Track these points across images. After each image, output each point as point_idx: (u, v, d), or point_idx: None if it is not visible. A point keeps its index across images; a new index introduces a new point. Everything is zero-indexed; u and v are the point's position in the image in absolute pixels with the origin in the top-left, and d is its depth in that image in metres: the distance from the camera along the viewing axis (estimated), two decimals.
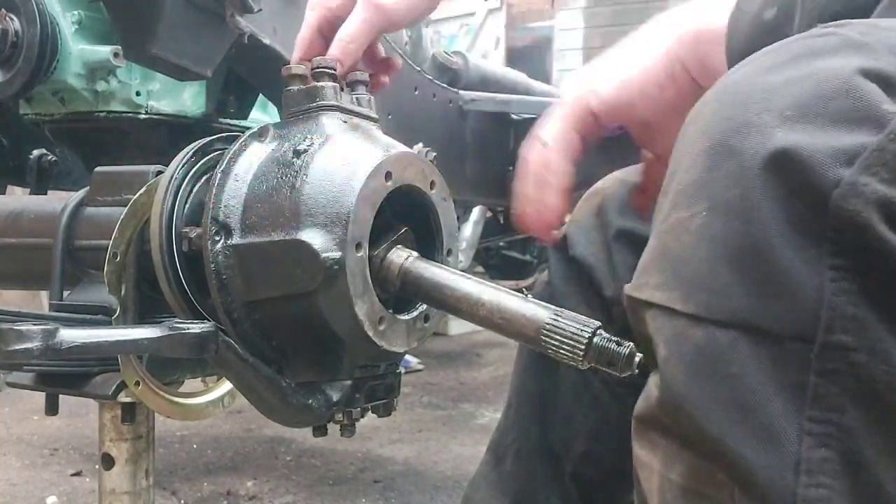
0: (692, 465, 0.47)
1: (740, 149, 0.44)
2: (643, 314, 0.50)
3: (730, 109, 0.47)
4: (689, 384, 0.45)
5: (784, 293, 0.42)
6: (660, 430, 0.49)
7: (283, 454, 2.18)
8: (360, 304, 0.71)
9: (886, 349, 0.41)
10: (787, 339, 0.43)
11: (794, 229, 0.42)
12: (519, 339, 0.70)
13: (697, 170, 0.47)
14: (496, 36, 6.74)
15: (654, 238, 0.50)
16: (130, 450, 0.95)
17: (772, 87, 0.45)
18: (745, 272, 0.44)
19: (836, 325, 0.41)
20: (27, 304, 2.68)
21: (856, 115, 0.42)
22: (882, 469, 0.42)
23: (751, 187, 0.43)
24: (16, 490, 1.89)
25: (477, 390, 2.99)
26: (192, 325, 0.65)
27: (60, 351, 0.59)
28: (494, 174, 1.89)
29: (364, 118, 0.81)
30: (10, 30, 1.20)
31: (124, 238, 0.82)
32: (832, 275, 0.42)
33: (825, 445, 0.42)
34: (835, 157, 0.42)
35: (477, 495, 1.06)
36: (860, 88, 0.43)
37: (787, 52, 0.48)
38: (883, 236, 0.41)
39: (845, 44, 0.46)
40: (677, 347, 0.46)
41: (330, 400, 0.76)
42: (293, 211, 0.70)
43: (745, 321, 0.43)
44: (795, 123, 0.43)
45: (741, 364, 0.43)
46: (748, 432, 0.43)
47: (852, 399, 0.42)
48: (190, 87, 1.34)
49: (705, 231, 0.45)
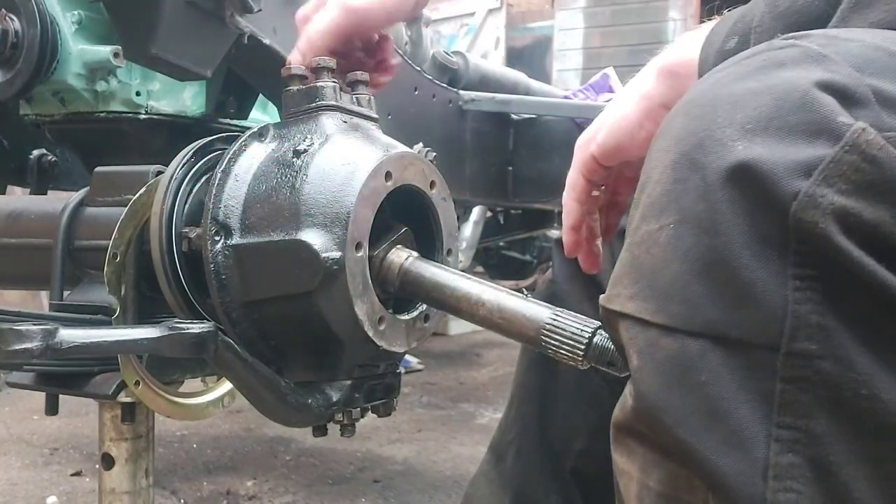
0: (669, 472, 0.48)
1: (704, 163, 0.46)
2: (617, 324, 0.51)
3: (696, 122, 0.48)
4: (661, 393, 0.46)
5: (751, 303, 0.44)
6: (637, 438, 0.50)
7: (283, 454, 2.18)
8: (360, 304, 0.71)
9: (851, 356, 0.42)
10: (754, 348, 0.44)
11: (758, 241, 0.44)
12: (519, 339, 0.70)
13: (665, 183, 0.48)
14: (496, 36, 6.74)
15: (625, 250, 0.51)
16: (130, 449, 0.95)
17: (735, 100, 0.47)
18: (714, 284, 0.45)
19: (801, 333, 0.43)
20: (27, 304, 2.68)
21: (813, 127, 0.44)
22: (849, 473, 0.42)
23: (716, 202, 0.45)
24: (16, 490, 1.89)
25: (476, 390, 2.99)
26: (192, 325, 0.65)
27: (60, 351, 0.59)
28: (494, 174, 1.89)
29: (364, 118, 0.81)
30: (10, 30, 1.20)
31: (124, 238, 0.82)
32: (796, 284, 0.43)
33: (793, 451, 0.43)
34: (793, 170, 0.43)
35: (478, 493, 1.06)
36: (817, 101, 0.44)
37: (750, 63, 0.49)
38: (842, 246, 0.42)
39: (805, 55, 0.47)
40: (650, 357, 0.47)
41: (329, 400, 0.76)
42: (293, 211, 0.70)
43: (715, 331, 0.45)
44: (756, 136, 0.45)
45: (711, 372, 0.45)
46: (719, 439, 0.44)
47: (819, 405, 0.43)
48: (190, 87, 1.34)
49: (675, 244, 0.47)
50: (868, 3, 0.52)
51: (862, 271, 0.42)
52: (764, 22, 0.58)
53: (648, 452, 0.49)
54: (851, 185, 0.42)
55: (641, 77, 0.72)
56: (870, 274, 0.41)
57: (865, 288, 0.42)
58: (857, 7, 0.53)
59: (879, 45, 0.47)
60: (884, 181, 0.42)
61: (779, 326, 0.43)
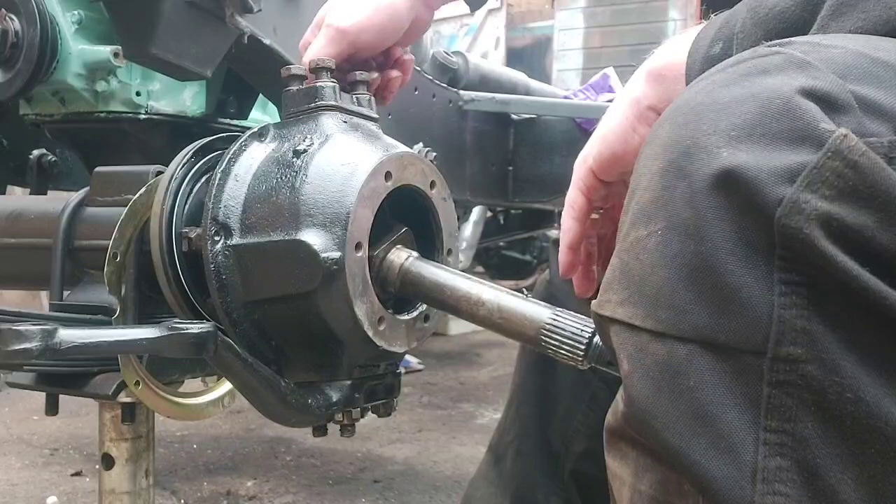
0: (660, 477, 0.48)
1: (690, 170, 0.47)
2: (608, 329, 0.52)
3: (682, 130, 0.49)
4: (650, 398, 0.47)
5: (737, 308, 0.44)
6: (629, 442, 0.51)
7: (283, 454, 2.18)
8: (360, 304, 0.71)
9: (836, 360, 0.43)
10: (742, 353, 0.44)
11: (743, 247, 0.44)
12: (519, 339, 0.70)
13: (653, 190, 0.49)
14: (496, 36, 6.74)
15: (615, 255, 0.52)
16: (130, 450, 0.95)
17: (720, 107, 0.48)
18: (702, 289, 0.45)
19: (786, 337, 0.43)
20: (27, 304, 2.68)
21: (796, 134, 0.44)
22: (836, 476, 0.43)
23: (702, 208, 0.45)
24: (16, 490, 1.89)
25: (477, 390, 2.99)
26: (192, 325, 0.65)
27: (60, 351, 0.59)
28: (494, 174, 1.89)
29: (364, 118, 0.81)
30: (10, 30, 1.20)
31: (124, 238, 0.82)
32: (781, 289, 0.43)
33: (780, 455, 0.43)
34: (777, 176, 0.43)
35: (477, 493, 1.06)
36: (800, 108, 0.45)
37: (735, 70, 0.50)
38: (826, 251, 0.42)
39: (788, 62, 0.48)
40: (639, 362, 0.48)
41: (329, 400, 0.76)
42: (293, 211, 0.70)
43: (703, 336, 0.45)
44: (740, 143, 0.45)
45: (698, 377, 0.45)
46: (707, 443, 0.45)
47: (805, 409, 0.43)
48: (190, 87, 1.34)
49: (662, 250, 0.47)
50: (845, 11, 0.53)
51: (846, 276, 0.42)
52: (746, 28, 0.59)
53: (640, 457, 0.50)
54: (835, 190, 0.43)
55: (632, 82, 0.73)
56: (854, 278, 0.42)
57: (850, 292, 0.42)
58: (836, 15, 0.54)
59: (861, 51, 0.47)
60: (866, 186, 0.43)
61: (764, 331, 0.43)
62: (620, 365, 0.50)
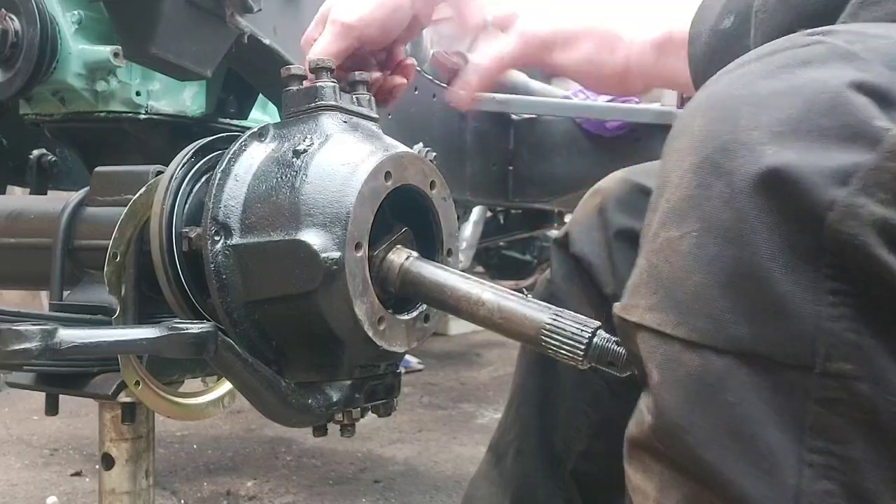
0: (689, 493, 0.46)
1: (730, 168, 0.43)
2: (634, 336, 0.48)
3: (718, 125, 0.45)
4: (683, 411, 0.44)
5: (781, 319, 0.41)
6: (654, 455, 0.48)
7: (284, 454, 2.18)
8: (360, 304, 0.71)
9: (889, 378, 0.40)
10: (785, 367, 0.42)
11: (789, 253, 0.41)
12: (519, 339, 0.70)
13: (685, 187, 0.46)
14: None
15: (643, 256, 0.49)
16: (130, 450, 0.95)
17: (760, 101, 0.44)
18: (741, 298, 0.42)
19: (836, 352, 0.40)
20: (27, 304, 2.68)
21: (847, 131, 0.41)
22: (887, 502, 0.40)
23: (743, 209, 0.42)
24: (16, 490, 1.89)
25: (477, 390, 2.99)
26: (192, 325, 0.65)
27: (60, 351, 0.58)
28: (494, 174, 1.89)
29: (364, 118, 0.81)
30: (10, 30, 1.20)
31: (124, 238, 0.82)
32: (830, 300, 0.41)
33: (827, 478, 0.41)
34: (828, 177, 0.40)
35: (478, 493, 1.06)
36: (851, 103, 0.41)
37: (773, 60, 0.46)
38: (883, 260, 0.39)
39: (833, 53, 0.44)
40: (671, 373, 0.45)
41: (330, 400, 0.76)
42: (293, 211, 0.70)
43: (742, 348, 0.42)
44: (785, 140, 0.42)
45: (738, 392, 0.42)
46: (746, 462, 0.42)
47: (855, 429, 0.41)
48: (190, 87, 1.34)
49: (698, 254, 0.44)
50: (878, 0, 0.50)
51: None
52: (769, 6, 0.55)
53: (667, 471, 0.47)
54: (892, 194, 0.39)
55: None
56: None
57: None
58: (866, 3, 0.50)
59: None
60: None
61: (810, 345, 0.41)
62: (649, 374, 0.47)
